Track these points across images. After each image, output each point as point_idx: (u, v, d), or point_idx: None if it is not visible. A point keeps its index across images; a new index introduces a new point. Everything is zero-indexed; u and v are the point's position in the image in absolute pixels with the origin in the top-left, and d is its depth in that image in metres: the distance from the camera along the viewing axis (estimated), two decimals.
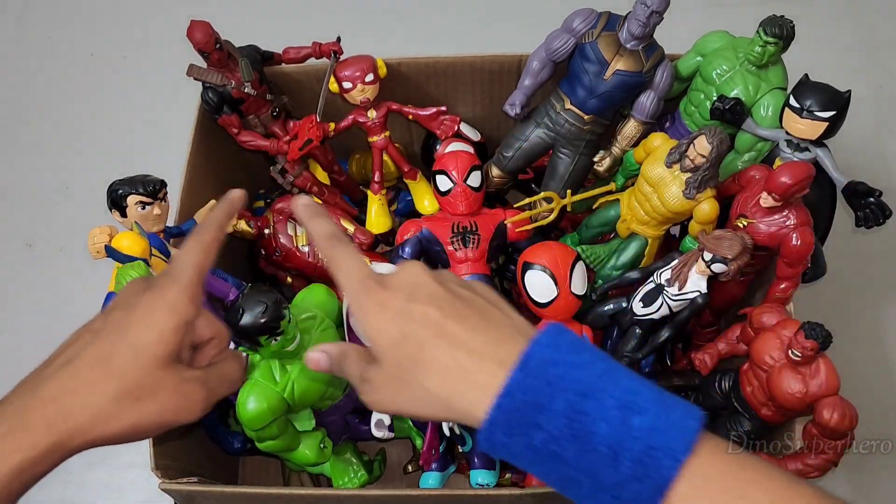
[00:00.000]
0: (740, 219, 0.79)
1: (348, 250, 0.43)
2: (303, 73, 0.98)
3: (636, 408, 0.35)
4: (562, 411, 0.35)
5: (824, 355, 0.72)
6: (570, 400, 0.35)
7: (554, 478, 0.37)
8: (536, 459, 0.37)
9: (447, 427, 0.78)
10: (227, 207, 0.50)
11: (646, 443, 0.34)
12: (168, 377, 0.41)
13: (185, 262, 0.44)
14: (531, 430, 0.36)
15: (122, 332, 0.41)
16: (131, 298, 0.43)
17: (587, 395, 0.36)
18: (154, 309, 0.42)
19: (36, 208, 1.30)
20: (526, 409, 0.36)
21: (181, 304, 0.42)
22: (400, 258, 0.88)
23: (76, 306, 1.16)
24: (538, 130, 0.92)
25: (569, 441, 0.35)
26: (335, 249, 0.43)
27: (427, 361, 0.39)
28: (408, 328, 0.39)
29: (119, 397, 0.40)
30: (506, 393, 0.36)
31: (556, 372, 0.36)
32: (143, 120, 1.36)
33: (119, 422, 0.40)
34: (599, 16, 0.86)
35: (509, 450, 0.37)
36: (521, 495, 0.72)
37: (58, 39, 1.48)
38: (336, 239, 0.44)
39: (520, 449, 0.37)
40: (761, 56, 0.82)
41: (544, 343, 0.38)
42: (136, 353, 0.40)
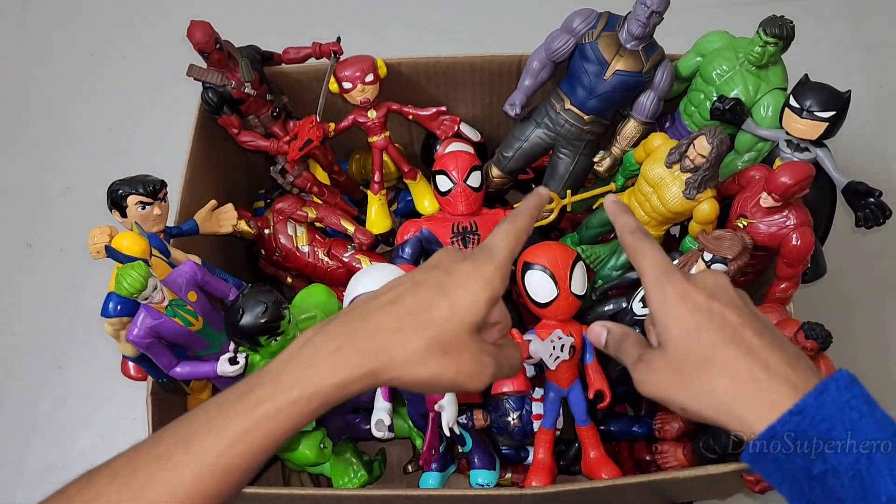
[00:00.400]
0: (740, 219, 0.79)
1: (653, 243, 0.46)
2: (303, 73, 0.98)
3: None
4: (851, 450, 0.36)
5: (824, 355, 0.72)
6: (860, 444, 0.36)
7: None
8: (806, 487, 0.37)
9: (447, 427, 0.78)
10: (536, 200, 0.51)
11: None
12: (472, 343, 0.43)
13: (499, 244, 0.46)
14: (813, 458, 0.37)
15: (443, 289, 0.43)
16: (451, 263, 0.45)
17: (878, 447, 0.37)
18: (473, 278, 0.44)
19: (36, 208, 1.30)
20: (814, 434, 0.37)
21: (496, 280, 0.44)
22: (400, 258, 0.88)
23: (76, 306, 1.17)
24: (538, 130, 0.92)
25: (850, 481, 0.36)
26: (640, 240, 0.46)
27: (718, 362, 0.40)
28: (704, 324, 0.41)
29: (430, 346, 0.42)
30: (796, 411, 0.38)
31: (850, 415, 0.37)
32: (143, 120, 1.36)
33: (424, 368, 0.42)
34: (599, 16, 0.86)
35: (780, 468, 0.38)
36: (521, 495, 0.72)
37: (58, 39, 1.48)
38: (641, 232, 0.47)
39: (793, 471, 0.37)
40: (761, 56, 0.82)
41: (842, 384, 0.39)
42: (452, 311, 0.43)
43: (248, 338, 0.72)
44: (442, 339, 0.42)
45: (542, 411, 0.84)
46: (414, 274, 0.46)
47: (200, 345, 0.79)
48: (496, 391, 0.81)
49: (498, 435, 0.88)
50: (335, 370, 0.41)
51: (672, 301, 0.43)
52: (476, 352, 0.43)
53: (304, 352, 0.42)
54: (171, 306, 0.74)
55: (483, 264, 0.45)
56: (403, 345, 0.42)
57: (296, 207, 0.97)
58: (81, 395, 1.13)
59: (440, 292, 0.43)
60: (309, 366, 0.41)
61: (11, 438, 1.11)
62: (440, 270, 0.45)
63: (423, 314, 0.43)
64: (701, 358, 0.41)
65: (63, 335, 1.17)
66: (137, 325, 0.73)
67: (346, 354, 0.42)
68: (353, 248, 0.97)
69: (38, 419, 1.12)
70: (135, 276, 0.69)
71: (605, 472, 0.82)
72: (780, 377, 0.39)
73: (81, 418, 1.11)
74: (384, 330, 0.42)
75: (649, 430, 0.89)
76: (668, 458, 0.85)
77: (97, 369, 1.14)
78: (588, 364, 0.82)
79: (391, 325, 0.42)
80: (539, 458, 0.84)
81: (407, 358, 0.42)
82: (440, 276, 0.44)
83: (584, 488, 0.74)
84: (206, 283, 0.78)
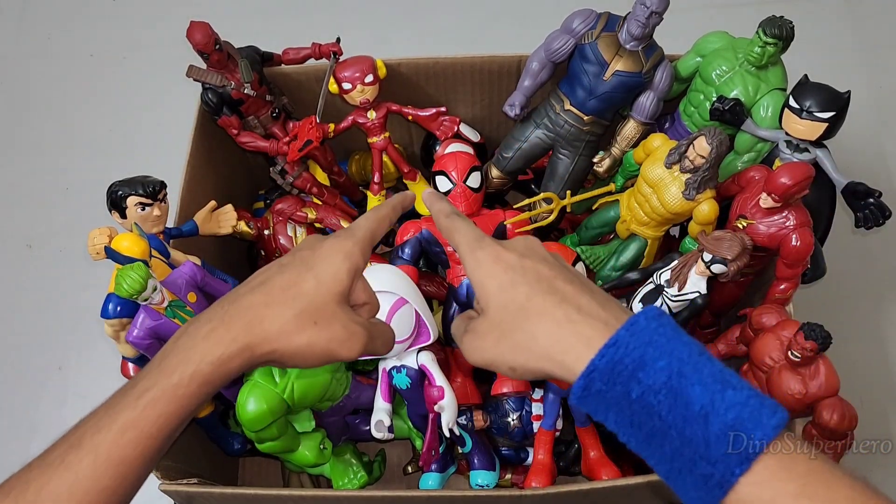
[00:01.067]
0: (740, 219, 0.79)
1: (466, 221, 0.49)
2: (302, 73, 0.98)
3: (730, 384, 0.38)
4: (663, 369, 0.39)
5: (824, 356, 0.72)
6: (671, 362, 0.39)
7: (643, 432, 0.40)
8: (628, 411, 0.40)
9: (447, 428, 0.78)
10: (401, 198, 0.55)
11: (737, 414, 0.37)
12: (340, 312, 0.46)
13: (361, 224, 0.50)
14: (630, 383, 0.39)
15: (308, 265, 0.47)
16: (314, 243, 0.49)
17: (686, 363, 0.39)
18: (334, 252, 0.47)
19: (36, 208, 1.30)
20: (628, 362, 0.39)
21: (355, 254, 0.48)
22: (400, 259, 0.88)
23: (76, 307, 1.17)
24: (538, 131, 0.92)
25: (665, 396, 0.38)
26: (454, 220, 0.49)
27: (534, 310, 0.42)
28: (518, 279, 0.44)
29: (301, 316, 0.45)
30: (611, 343, 0.40)
31: (659, 340, 0.40)
32: (143, 121, 1.36)
33: (297, 338, 0.45)
34: (599, 16, 0.86)
35: (603, 399, 0.40)
36: (520, 496, 0.72)
37: (58, 39, 1.48)
38: (455, 214, 0.50)
39: (615, 399, 0.40)
40: (761, 57, 0.82)
41: (650, 315, 0.41)
42: (318, 283, 0.46)
43: None
44: (311, 309, 0.45)
45: (542, 412, 0.84)
46: (280, 259, 0.49)
47: None
48: (496, 392, 0.81)
49: (498, 436, 0.88)
50: (211, 348, 0.43)
51: (486, 263, 0.45)
52: (346, 321, 0.46)
53: (182, 340, 0.44)
54: (171, 307, 0.74)
55: (345, 240, 0.48)
56: (276, 317, 0.44)
57: (295, 208, 0.97)
58: (81, 395, 1.13)
59: (306, 268, 0.46)
60: (186, 349, 0.44)
61: (11, 439, 1.11)
62: (304, 250, 0.48)
63: (292, 289, 0.45)
64: (519, 308, 0.43)
65: (63, 336, 1.17)
66: (137, 326, 0.73)
67: (221, 333, 0.44)
68: None
69: (38, 420, 1.12)
70: (134, 278, 0.69)
71: (605, 473, 0.82)
72: (592, 316, 0.42)
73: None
74: (256, 306, 0.45)
75: None
76: None
77: (97, 370, 1.14)
78: None
79: (262, 301, 0.45)
80: (539, 459, 0.84)
81: (280, 328, 0.44)
82: (305, 254, 0.48)
83: (584, 489, 0.74)
84: (206, 283, 0.78)
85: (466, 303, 0.85)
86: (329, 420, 0.87)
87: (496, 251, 0.45)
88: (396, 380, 0.81)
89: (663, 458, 0.39)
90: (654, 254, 0.89)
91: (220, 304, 0.46)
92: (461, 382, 0.87)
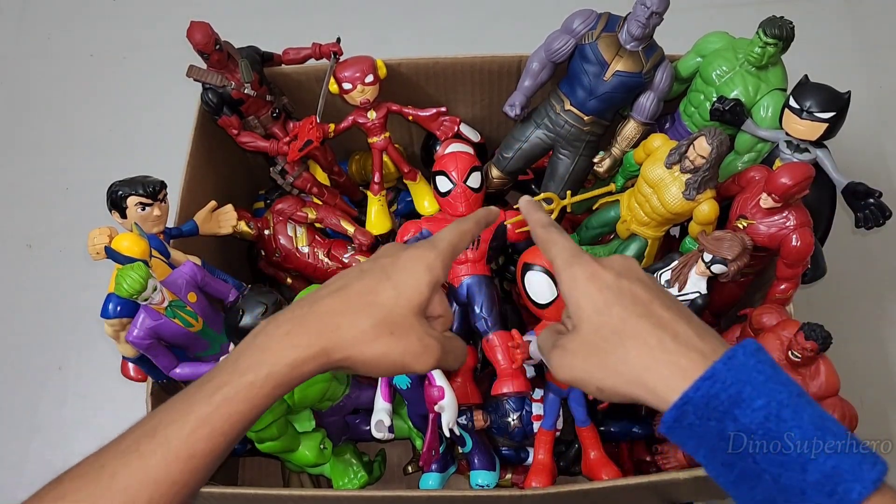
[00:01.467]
0: (740, 220, 0.79)
1: (563, 234, 0.48)
2: (303, 73, 0.98)
3: (829, 431, 0.37)
4: (760, 409, 0.37)
5: (824, 356, 0.72)
6: (769, 403, 0.37)
7: (734, 472, 0.38)
8: (721, 448, 0.38)
9: (447, 428, 0.78)
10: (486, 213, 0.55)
11: (836, 464, 0.36)
12: (417, 325, 0.46)
13: (443, 237, 0.50)
14: (725, 420, 0.38)
15: (388, 274, 0.46)
16: (395, 251, 0.49)
17: (784, 405, 0.38)
18: (415, 263, 0.47)
19: (36, 208, 1.30)
20: (724, 398, 0.38)
21: (436, 267, 0.47)
22: None
23: (76, 307, 1.17)
24: (538, 131, 0.92)
25: (761, 438, 0.37)
26: (551, 233, 0.49)
27: (629, 334, 0.42)
28: (614, 299, 0.43)
29: (378, 325, 0.44)
30: (707, 376, 0.38)
31: (757, 378, 0.38)
32: (143, 121, 1.36)
33: (372, 348, 0.44)
34: (599, 17, 0.86)
35: (695, 432, 0.39)
36: (521, 496, 0.72)
37: (58, 39, 1.48)
38: (552, 226, 0.50)
39: (707, 434, 0.38)
40: (761, 57, 0.82)
41: (749, 350, 0.40)
42: (397, 293, 0.46)
43: None
44: (388, 320, 0.45)
45: (542, 412, 0.84)
46: (360, 265, 0.49)
47: (200, 346, 0.79)
48: (496, 392, 0.81)
49: (498, 436, 0.88)
50: (287, 351, 0.43)
51: (581, 281, 0.44)
52: (422, 334, 0.46)
53: (258, 338, 0.44)
54: (171, 307, 0.74)
55: (425, 251, 0.48)
56: (352, 325, 0.44)
57: (296, 208, 0.97)
58: (81, 395, 1.13)
59: (385, 277, 0.46)
60: (262, 350, 0.43)
61: (11, 439, 1.11)
62: (385, 258, 0.48)
63: (370, 296, 0.45)
64: (612, 331, 0.42)
65: (63, 336, 1.17)
66: (137, 326, 0.73)
67: (297, 336, 0.44)
68: (352, 249, 0.98)
69: (38, 420, 1.12)
70: (134, 278, 0.69)
71: (605, 473, 0.82)
72: (689, 346, 0.41)
73: (81, 419, 1.11)
74: (333, 312, 0.45)
75: (649, 431, 0.89)
76: (669, 459, 0.85)
77: (97, 370, 1.14)
78: None
79: (340, 308, 0.45)
80: (539, 459, 0.84)
81: (356, 336, 0.44)
82: (385, 262, 0.47)
83: (584, 489, 0.74)
84: (206, 284, 0.78)
85: (466, 303, 0.85)
86: (329, 420, 0.87)
87: (592, 269, 0.45)
88: (396, 380, 0.81)
89: (753, 501, 0.38)
90: (655, 254, 0.89)
91: (298, 305, 0.46)
92: (461, 382, 0.87)
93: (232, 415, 0.42)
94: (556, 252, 0.47)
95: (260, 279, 1.06)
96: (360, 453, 0.92)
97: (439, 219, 0.91)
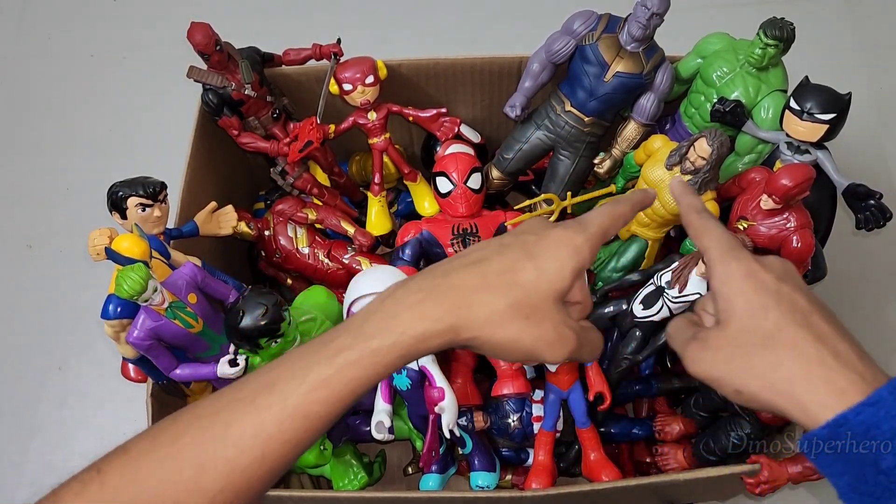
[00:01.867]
0: (741, 221, 0.79)
1: (719, 223, 0.46)
2: (303, 74, 0.98)
3: None
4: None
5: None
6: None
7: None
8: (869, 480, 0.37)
9: (447, 429, 0.78)
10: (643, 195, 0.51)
11: None
12: (555, 311, 0.43)
13: (594, 219, 0.46)
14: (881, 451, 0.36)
15: (531, 252, 0.43)
16: (542, 229, 0.45)
17: None
18: (561, 245, 0.44)
19: (36, 209, 1.30)
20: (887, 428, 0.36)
21: (584, 251, 0.44)
22: (400, 260, 0.88)
23: (76, 307, 1.17)
24: (538, 132, 0.92)
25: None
26: (706, 220, 0.46)
27: (784, 342, 0.39)
28: (772, 304, 0.41)
29: (513, 307, 0.41)
30: (871, 402, 0.37)
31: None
32: (143, 121, 1.36)
33: (504, 330, 0.41)
34: (599, 18, 0.86)
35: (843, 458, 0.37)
36: (521, 497, 0.72)
37: (58, 39, 1.48)
38: (706, 212, 0.47)
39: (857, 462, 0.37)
40: (761, 58, 0.82)
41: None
42: (538, 275, 0.42)
43: (248, 340, 0.72)
44: (526, 303, 0.42)
45: (543, 413, 0.84)
46: (502, 237, 0.46)
47: (200, 346, 0.79)
48: (496, 393, 0.81)
49: (498, 437, 0.88)
50: (416, 321, 0.41)
51: (738, 277, 0.42)
52: (558, 322, 0.43)
53: (387, 304, 0.42)
54: (171, 308, 0.74)
55: (575, 233, 0.44)
56: (486, 303, 0.41)
57: (296, 209, 0.97)
58: (81, 396, 1.13)
59: (527, 256, 0.43)
60: (391, 316, 0.41)
61: (11, 439, 1.11)
62: (529, 234, 0.45)
63: (509, 275, 0.42)
64: (765, 337, 0.40)
65: (63, 336, 1.17)
66: (137, 327, 0.73)
67: (429, 307, 0.41)
68: (353, 250, 0.97)
69: (38, 420, 1.12)
70: (135, 278, 0.69)
71: (605, 474, 0.82)
72: (849, 366, 0.39)
73: (81, 419, 1.11)
74: (468, 287, 0.42)
75: (650, 432, 0.89)
76: (669, 460, 0.86)
77: (97, 371, 1.14)
78: (588, 366, 0.82)
79: (475, 283, 0.42)
80: (539, 460, 0.84)
81: (489, 317, 0.41)
82: (529, 239, 0.44)
83: (585, 490, 0.74)
84: (206, 284, 0.78)
85: None
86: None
87: (751, 267, 0.42)
88: (397, 381, 0.81)
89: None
90: (655, 255, 0.89)
91: (431, 274, 0.44)
92: (461, 383, 0.87)
93: (352, 379, 0.41)
94: (710, 243, 0.44)
95: (260, 280, 1.06)
96: (361, 454, 0.92)
97: (439, 220, 0.91)
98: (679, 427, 0.87)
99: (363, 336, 0.41)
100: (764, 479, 0.73)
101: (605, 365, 0.86)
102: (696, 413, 0.84)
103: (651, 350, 0.82)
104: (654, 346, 0.82)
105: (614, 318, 0.85)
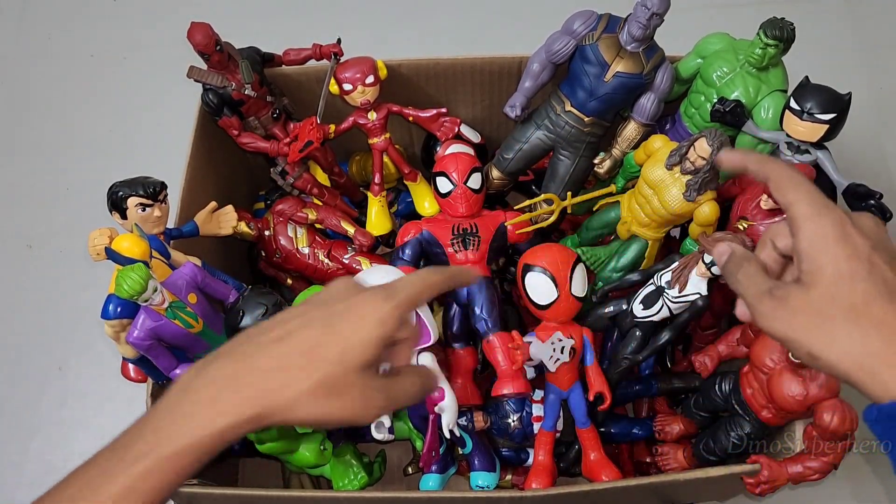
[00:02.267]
0: (741, 221, 0.79)
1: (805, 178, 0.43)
2: (303, 74, 0.98)
3: None
4: None
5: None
6: None
7: None
8: None
9: (447, 429, 0.78)
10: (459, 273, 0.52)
11: None
12: (359, 380, 0.42)
13: (404, 287, 0.45)
14: None
15: (334, 327, 0.43)
16: (349, 295, 0.44)
17: None
18: (367, 315, 0.43)
19: (36, 208, 1.30)
20: None
21: (390, 320, 0.43)
22: (400, 260, 0.88)
23: (76, 307, 1.17)
24: (538, 132, 0.92)
25: None
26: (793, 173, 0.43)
27: (870, 315, 0.39)
28: (861, 273, 0.39)
29: (317, 386, 0.41)
30: None
31: None
32: (143, 121, 1.36)
33: (308, 411, 0.41)
34: (600, 18, 0.86)
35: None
36: (521, 497, 0.72)
37: (58, 39, 1.48)
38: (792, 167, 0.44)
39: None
40: (762, 58, 0.82)
41: None
42: (343, 349, 0.42)
43: None
44: (328, 380, 0.41)
45: (543, 413, 0.84)
46: (306, 308, 0.45)
47: (200, 347, 0.79)
48: (496, 393, 0.81)
49: (498, 437, 0.88)
50: (215, 418, 0.40)
51: (831, 239, 0.40)
52: (363, 389, 0.42)
53: (185, 400, 0.41)
54: (171, 308, 0.74)
55: (381, 302, 0.44)
56: (289, 386, 0.41)
57: (296, 209, 0.97)
58: (81, 396, 1.13)
59: (331, 331, 0.42)
60: (186, 416, 0.40)
61: (11, 439, 1.11)
62: (336, 303, 0.44)
63: (312, 352, 0.42)
64: (850, 307, 0.39)
65: (63, 336, 1.17)
66: (137, 327, 0.73)
67: (227, 401, 0.41)
68: (353, 250, 0.97)
69: (38, 420, 1.12)
70: (135, 278, 0.69)
71: (605, 474, 0.82)
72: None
73: (81, 419, 1.11)
74: (269, 369, 0.41)
75: (650, 432, 0.89)
76: (669, 460, 0.86)
77: (97, 371, 1.14)
78: (588, 366, 0.82)
79: (277, 365, 0.42)
80: (539, 460, 0.84)
81: (294, 399, 0.41)
82: (335, 309, 0.44)
83: (585, 490, 0.74)
84: (206, 284, 0.78)
85: (466, 304, 0.85)
86: None
87: (845, 229, 0.40)
88: None
89: None
90: (655, 255, 0.89)
91: (232, 356, 0.43)
92: (461, 383, 0.87)
93: (154, 486, 0.40)
94: (798, 197, 0.42)
95: (260, 280, 1.06)
96: (361, 454, 0.92)
97: (440, 219, 0.91)
98: (679, 427, 0.87)
99: (161, 441, 0.40)
100: (764, 479, 0.73)
101: (605, 365, 0.86)
102: (696, 413, 0.84)
103: (651, 350, 0.82)
104: (654, 346, 0.82)
105: (614, 318, 0.86)
